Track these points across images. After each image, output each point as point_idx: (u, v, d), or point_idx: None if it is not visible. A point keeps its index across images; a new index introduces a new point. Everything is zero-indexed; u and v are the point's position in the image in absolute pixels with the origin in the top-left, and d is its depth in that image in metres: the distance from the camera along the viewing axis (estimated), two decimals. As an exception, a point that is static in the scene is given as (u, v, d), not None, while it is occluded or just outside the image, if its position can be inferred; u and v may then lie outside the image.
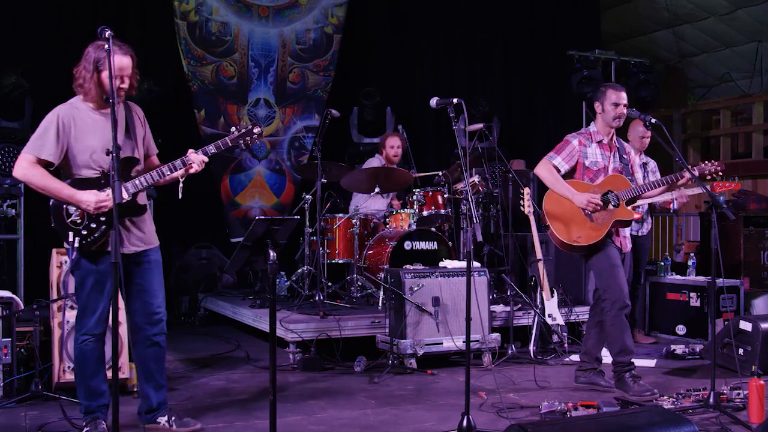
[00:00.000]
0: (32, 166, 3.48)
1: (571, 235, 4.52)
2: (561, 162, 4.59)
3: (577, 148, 4.61)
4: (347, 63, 8.52)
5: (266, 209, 8.25)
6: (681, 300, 6.61)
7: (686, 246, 9.18)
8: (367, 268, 6.38)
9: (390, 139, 7.09)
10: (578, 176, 4.64)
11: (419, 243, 6.24)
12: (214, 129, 8.00)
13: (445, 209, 6.61)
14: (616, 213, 4.50)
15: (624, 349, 4.51)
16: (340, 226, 6.55)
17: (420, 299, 5.31)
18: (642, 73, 9.14)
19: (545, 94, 9.64)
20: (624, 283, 4.50)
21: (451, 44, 9.23)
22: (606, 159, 4.64)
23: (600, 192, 4.53)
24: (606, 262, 4.51)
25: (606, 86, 4.67)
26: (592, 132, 4.68)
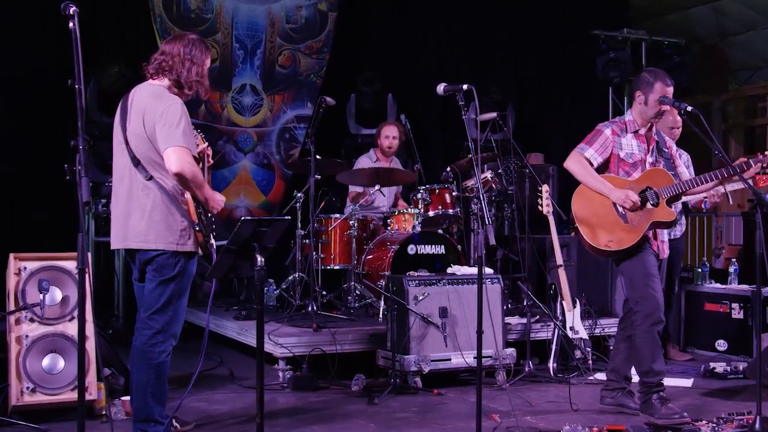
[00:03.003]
0: (194, 161, 3.76)
1: (600, 238, 4.51)
2: (594, 154, 4.58)
3: (610, 139, 4.60)
4: (344, 44, 8.55)
5: (253, 209, 8.28)
6: (721, 311, 6.61)
7: (727, 250, 9.19)
8: (366, 275, 6.40)
9: (386, 128, 7.12)
10: (612, 170, 4.63)
11: (424, 247, 6.26)
12: (195, 119, 8.02)
13: (453, 209, 6.63)
14: (654, 213, 4.47)
15: (652, 370, 4.50)
16: (335, 227, 6.57)
17: (425, 310, 5.33)
18: (676, 54, 9.16)
19: (566, 80, 9.65)
20: (660, 295, 4.48)
21: (461, 24, 9.24)
22: (643, 151, 4.63)
23: (637, 188, 4.51)
24: (640, 270, 4.49)
25: (655, 76, 4.59)
26: (627, 121, 4.66)
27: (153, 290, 3.82)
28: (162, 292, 3.80)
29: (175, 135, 3.68)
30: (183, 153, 3.67)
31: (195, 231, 3.78)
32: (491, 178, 6.85)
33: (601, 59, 8.76)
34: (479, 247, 5.82)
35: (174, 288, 3.81)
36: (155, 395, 3.82)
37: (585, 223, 4.57)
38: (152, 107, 3.75)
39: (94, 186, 6.94)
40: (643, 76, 4.64)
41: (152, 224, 3.77)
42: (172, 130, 3.69)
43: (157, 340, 3.80)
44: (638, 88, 4.63)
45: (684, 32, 9.83)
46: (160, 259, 3.78)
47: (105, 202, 6.96)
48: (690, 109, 4.31)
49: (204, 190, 3.81)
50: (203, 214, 3.84)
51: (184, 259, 3.82)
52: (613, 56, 8.74)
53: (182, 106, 3.78)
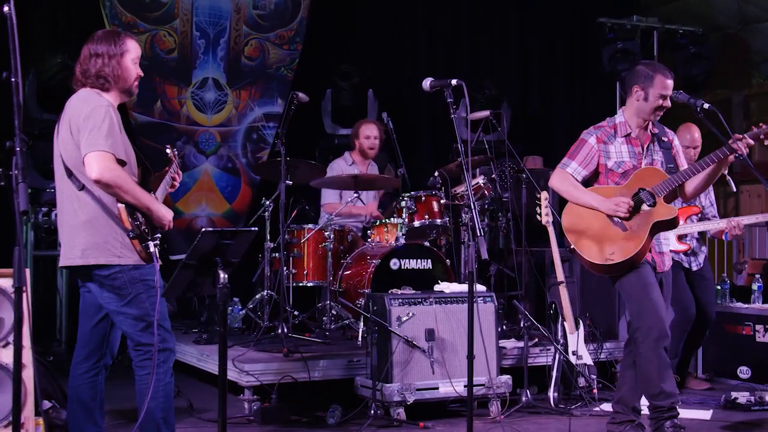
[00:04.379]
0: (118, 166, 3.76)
1: (602, 252, 4.55)
2: (577, 168, 4.65)
3: (595, 148, 4.65)
4: (319, 33, 8.59)
5: (215, 218, 8.28)
6: (744, 334, 6.62)
7: (750, 265, 9.23)
8: (343, 292, 6.41)
9: (365, 127, 7.16)
10: (602, 181, 4.68)
11: (409, 261, 6.28)
12: (149, 117, 8.04)
13: (441, 218, 6.65)
14: (653, 213, 4.52)
15: (663, 391, 4.53)
16: (309, 239, 6.58)
17: (410, 332, 5.35)
18: (693, 44, 9.22)
19: (569, 74, 9.73)
20: (661, 307, 4.53)
21: (450, 12, 9.30)
22: (636, 158, 4.65)
23: (629, 193, 4.56)
24: (636, 281, 4.55)
25: (653, 68, 4.63)
26: (617, 123, 4.69)
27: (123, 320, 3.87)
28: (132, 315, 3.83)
29: (96, 139, 3.73)
30: (103, 158, 3.71)
31: (130, 239, 3.79)
32: (484, 184, 6.88)
33: (608, 50, 8.83)
34: (470, 262, 5.84)
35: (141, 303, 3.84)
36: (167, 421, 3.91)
37: (581, 240, 4.61)
38: (78, 111, 3.83)
39: (34, 193, 6.92)
40: (640, 69, 4.65)
41: (91, 237, 3.80)
42: (94, 134, 3.74)
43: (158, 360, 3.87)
44: (635, 82, 4.63)
45: (701, 19, 9.82)
46: (107, 276, 3.81)
47: (46, 211, 6.95)
48: (707, 107, 4.36)
49: (141, 197, 3.83)
50: (142, 218, 3.84)
51: (135, 271, 3.85)
52: (621, 47, 8.81)
53: (108, 109, 3.83)
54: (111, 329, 4.06)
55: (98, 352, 4.07)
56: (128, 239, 3.80)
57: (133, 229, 3.78)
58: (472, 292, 3.91)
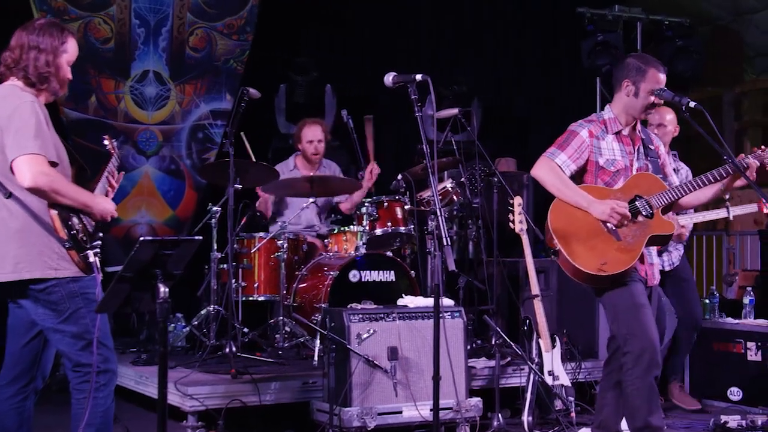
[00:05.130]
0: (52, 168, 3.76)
1: (593, 261, 4.51)
2: (566, 161, 4.61)
3: (587, 142, 4.63)
4: (272, 23, 8.59)
5: (157, 226, 8.25)
6: (734, 352, 6.64)
7: (741, 277, 9.31)
8: (297, 307, 6.43)
9: (308, 129, 7.13)
10: (589, 180, 4.66)
11: (370, 273, 6.31)
12: (83, 113, 7.99)
13: (405, 226, 6.71)
14: (650, 226, 4.52)
15: (649, 425, 4.52)
16: (260, 249, 6.59)
17: (371, 351, 5.37)
18: (679, 37, 9.33)
19: (546, 69, 9.82)
20: (653, 330, 4.50)
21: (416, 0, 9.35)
22: (627, 157, 4.67)
23: (625, 198, 4.55)
24: (627, 300, 4.52)
25: (646, 61, 4.64)
26: (607, 119, 4.70)
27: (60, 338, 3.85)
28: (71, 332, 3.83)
29: (24, 141, 3.72)
30: (35, 162, 3.70)
31: (66, 249, 3.79)
32: (452, 189, 6.92)
33: (587, 43, 8.91)
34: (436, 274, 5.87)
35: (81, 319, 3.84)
36: None
37: (572, 245, 4.57)
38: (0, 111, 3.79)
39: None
40: (631, 61, 4.65)
41: (23, 249, 3.80)
42: (20, 136, 3.72)
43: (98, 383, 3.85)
44: (626, 76, 4.64)
45: (689, 10, 9.90)
46: (43, 290, 3.81)
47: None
48: (693, 105, 4.37)
49: (78, 196, 3.84)
50: (78, 225, 3.85)
51: (74, 283, 3.85)
52: (602, 39, 8.88)
53: (33, 106, 3.82)
54: (44, 348, 4.03)
55: (28, 374, 4.02)
56: (64, 249, 3.79)
57: (69, 239, 3.77)
58: (438, 307, 3.95)
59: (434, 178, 4.19)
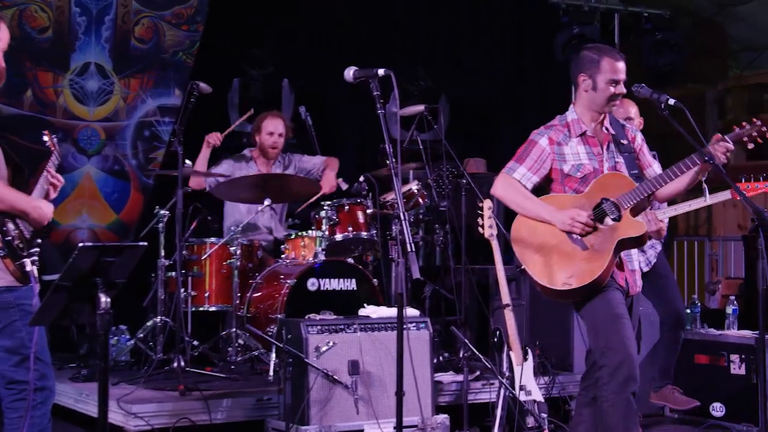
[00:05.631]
0: None
1: (556, 277, 4.55)
2: (526, 174, 4.66)
3: (547, 150, 4.66)
4: (224, 12, 8.55)
5: (99, 231, 8.19)
6: (717, 365, 6.68)
7: (724, 285, 9.38)
8: (252, 318, 6.41)
9: (268, 121, 7.12)
10: (557, 189, 4.69)
11: (330, 281, 6.31)
12: (17, 108, 7.91)
13: (368, 231, 6.70)
14: (618, 229, 4.52)
15: None
16: (211, 256, 6.57)
17: (330, 365, 5.36)
18: (659, 30, 9.40)
19: (517, 63, 9.86)
20: (632, 343, 4.52)
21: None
22: (596, 159, 4.67)
23: (590, 204, 4.57)
24: (603, 311, 4.53)
25: (599, 51, 4.68)
26: (569, 122, 4.72)
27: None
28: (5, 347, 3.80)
29: None
30: None
31: (0, 257, 3.76)
32: (417, 191, 6.94)
33: (562, 36, 8.95)
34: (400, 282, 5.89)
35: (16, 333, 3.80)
36: None
37: (533, 260, 4.61)
38: None
39: None
40: (584, 54, 4.69)
41: None
42: None
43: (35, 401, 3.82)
44: (581, 70, 4.67)
45: (670, 2, 9.92)
46: None
47: None
48: (673, 103, 4.40)
49: (13, 200, 3.82)
50: (14, 231, 3.82)
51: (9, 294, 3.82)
52: (578, 32, 8.93)
53: None
54: None
55: None
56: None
57: (4, 246, 3.74)
58: (402, 318, 3.95)
59: (398, 180, 4.20)
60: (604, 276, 4.51)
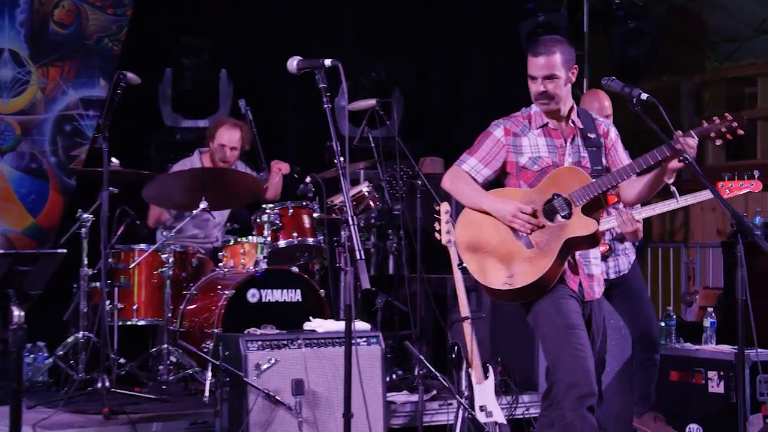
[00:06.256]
0: None
1: (496, 276, 4.62)
2: (477, 165, 4.74)
3: (502, 141, 4.74)
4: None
5: (14, 236, 8.10)
6: (694, 383, 6.72)
7: (702, 296, 9.49)
8: (185, 333, 6.40)
9: (224, 131, 7.06)
10: (512, 183, 4.77)
11: (272, 292, 6.30)
12: None
13: (314, 237, 6.72)
14: (567, 228, 4.56)
15: None
16: (141, 264, 6.53)
17: (272, 384, 5.36)
18: (631, 18, 9.47)
19: (478, 53, 9.91)
20: (587, 355, 4.55)
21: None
22: (557, 152, 4.73)
23: (541, 199, 4.63)
24: (555, 320, 4.57)
25: (530, 47, 4.83)
26: (532, 113, 4.81)
27: None
28: None
29: None
30: None
31: None
32: (368, 193, 6.96)
33: (527, 24, 9.01)
34: (349, 293, 5.89)
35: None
36: None
37: (475, 258, 4.69)
38: None
39: None
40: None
41: None
42: None
43: None
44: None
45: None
46: None
47: None
48: (645, 97, 4.44)
49: None
50: None
51: None
52: (543, 20, 8.98)
53: None
54: None
55: None
56: None
57: None
58: (351, 332, 3.94)
59: (346, 181, 4.20)
60: (547, 278, 4.56)
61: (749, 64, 10.93)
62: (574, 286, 4.69)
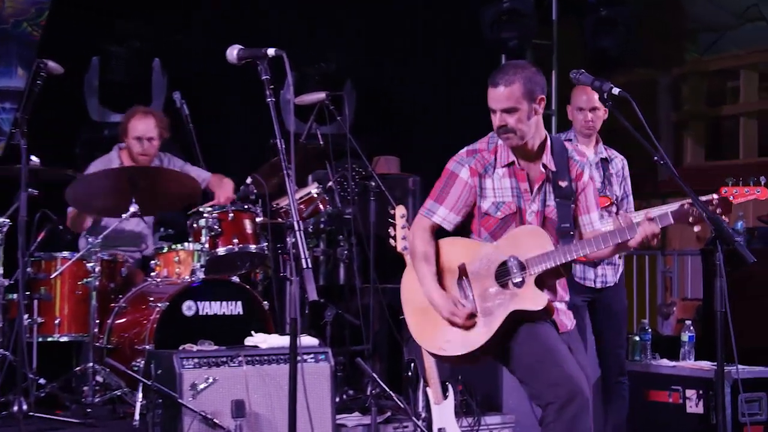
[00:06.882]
0: None
1: (431, 337, 4.64)
2: (447, 215, 4.66)
3: (470, 183, 4.63)
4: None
5: None
6: (671, 403, 6.77)
7: (679, 308, 9.57)
8: (113, 350, 6.36)
9: (137, 122, 7.02)
10: (474, 228, 4.71)
11: (210, 304, 6.28)
12: None
13: (256, 244, 6.71)
14: (516, 298, 4.52)
15: None
16: (63, 274, 6.49)
17: (210, 405, 5.36)
18: (604, 6, 9.52)
19: (438, 44, 9.95)
20: (578, 373, 4.52)
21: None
22: (522, 197, 4.64)
23: (497, 258, 4.57)
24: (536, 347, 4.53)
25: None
26: (498, 147, 4.66)
27: None
28: None
29: None
30: None
31: None
32: (317, 195, 6.95)
33: (490, 11, 9.03)
34: (294, 305, 5.89)
35: None
36: None
37: (413, 312, 4.70)
38: None
39: None
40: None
41: None
42: None
43: None
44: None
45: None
46: None
47: None
48: (617, 92, 4.43)
49: None
50: None
51: None
52: (509, 6, 9.01)
53: None
54: None
55: None
56: None
57: None
58: (296, 348, 3.94)
59: (291, 182, 4.20)
60: (485, 348, 4.55)
61: (732, 56, 11.10)
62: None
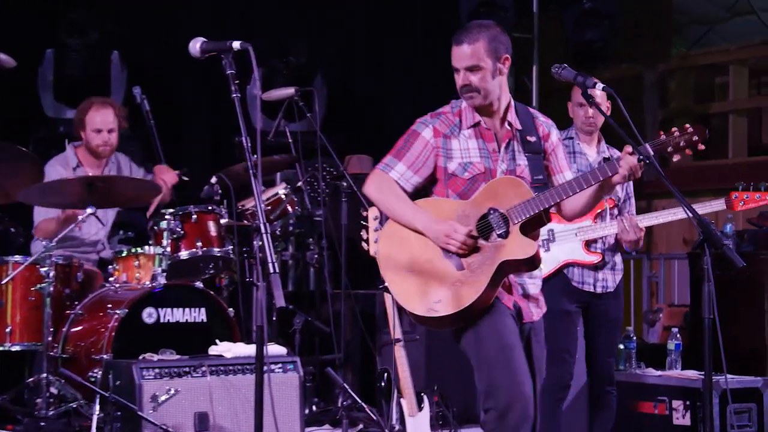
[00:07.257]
0: None
1: (421, 300, 4.60)
2: (405, 172, 4.70)
3: (432, 144, 4.69)
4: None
5: None
6: (657, 414, 6.81)
7: (666, 315, 9.58)
8: (69, 360, 6.36)
9: (94, 113, 7.02)
10: (440, 191, 4.74)
11: (172, 311, 6.28)
12: None
13: (221, 247, 6.72)
14: (502, 249, 4.56)
15: None
16: (15, 279, 6.48)
17: (171, 418, 5.37)
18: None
19: (413, 36, 9.97)
20: (525, 379, 4.55)
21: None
22: (490, 158, 4.71)
23: (476, 213, 4.61)
24: (489, 341, 4.56)
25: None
26: (462, 109, 4.76)
27: None
28: None
29: None
30: None
31: None
32: (286, 196, 6.96)
33: (468, 3, 9.03)
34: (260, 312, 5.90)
35: None
36: None
37: (398, 277, 4.68)
38: None
39: None
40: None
41: None
42: None
43: None
44: None
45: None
46: None
47: None
48: (602, 87, 4.47)
49: None
50: None
51: None
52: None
53: None
54: None
55: None
56: None
57: None
58: (263, 357, 3.95)
59: (258, 182, 4.20)
60: (478, 305, 4.55)
61: (720, 51, 11.08)
62: (509, 303, 4.70)
